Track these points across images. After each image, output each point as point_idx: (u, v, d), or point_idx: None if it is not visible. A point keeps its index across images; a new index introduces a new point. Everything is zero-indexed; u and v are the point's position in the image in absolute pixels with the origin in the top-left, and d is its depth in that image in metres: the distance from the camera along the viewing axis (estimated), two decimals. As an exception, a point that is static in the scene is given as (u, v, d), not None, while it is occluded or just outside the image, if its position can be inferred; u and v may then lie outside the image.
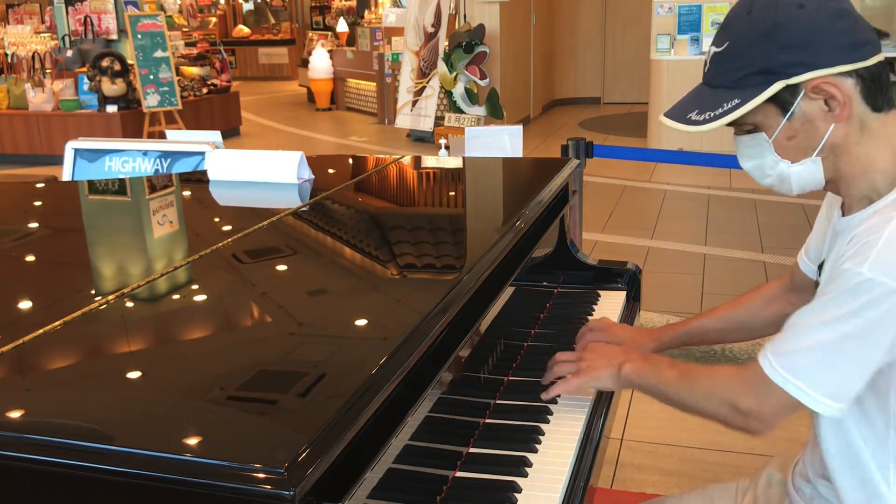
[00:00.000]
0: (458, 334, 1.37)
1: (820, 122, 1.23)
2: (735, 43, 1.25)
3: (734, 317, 1.71)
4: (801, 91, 1.22)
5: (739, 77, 1.23)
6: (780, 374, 1.23)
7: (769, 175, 1.31)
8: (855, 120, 1.23)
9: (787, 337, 1.26)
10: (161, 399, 1.07)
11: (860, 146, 1.24)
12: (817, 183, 1.30)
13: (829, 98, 1.21)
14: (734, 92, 1.24)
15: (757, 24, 1.22)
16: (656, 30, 8.60)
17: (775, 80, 1.21)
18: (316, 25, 17.69)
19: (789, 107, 1.23)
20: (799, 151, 1.26)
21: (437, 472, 1.34)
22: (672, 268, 5.05)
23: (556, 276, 2.22)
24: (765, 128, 1.26)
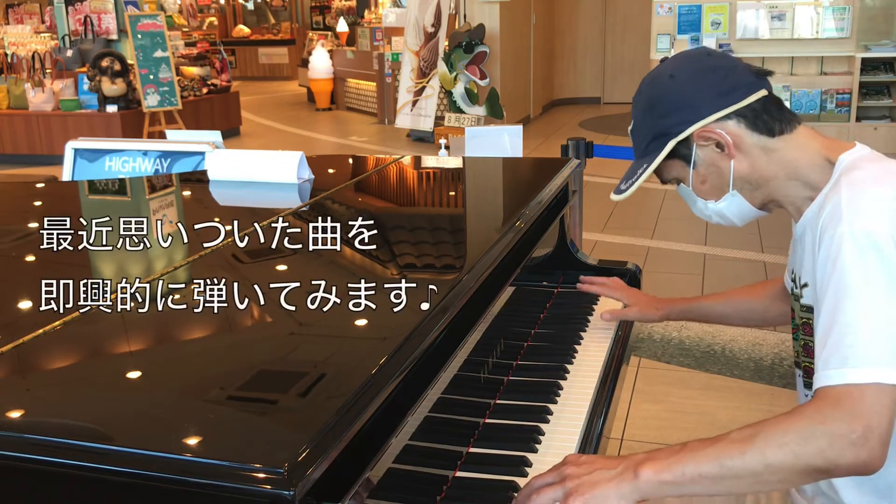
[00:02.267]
0: (458, 334, 1.37)
1: (720, 163, 1.40)
2: (636, 120, 1.48)
3: (741, 305, 1.83)
4: (692, 143, 1.40)
5: (644, 146, 1.45)
6: (861, 373, 1.12)
7: (709, 215, 1.49)
8: (753, 149, 1.38)
9: (834, 339, 1.17)
10: (161, 399, 1.07)
11: (771, 166, 1.39)
12: (751, 211, 1.45)
13: (716, 142, 1.38)
14: (644, 159, 1.45)
15: (643, 102, 1.46)
16: (656, 30, 8.60)
17: (667, 140, 1.41)
18: (316, 25, 17.70)
19: (689, 158, 1.42)
20: (715, 190, 1.44)
21: (437, 472, 1.34)
22: (672, 268, 5.05)
23: (556, 276, 2.22)
24: (682, 179, 1.47)
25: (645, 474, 1.14)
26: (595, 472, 1.16)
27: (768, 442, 1.11)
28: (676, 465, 1.13)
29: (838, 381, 1.14)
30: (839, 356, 1.15)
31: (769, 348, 3.69)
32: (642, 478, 1.13)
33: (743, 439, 1.13)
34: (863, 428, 1.09)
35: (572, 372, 1.73)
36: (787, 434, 1.11)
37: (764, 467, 1.11)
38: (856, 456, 1.09)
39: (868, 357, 1.13)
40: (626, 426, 3.13)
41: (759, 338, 3.76)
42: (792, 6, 8.11)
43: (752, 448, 1.11)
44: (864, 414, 1.10)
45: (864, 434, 1.09)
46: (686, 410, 3.29)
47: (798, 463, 1.10)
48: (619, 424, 3.12)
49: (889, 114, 8.12)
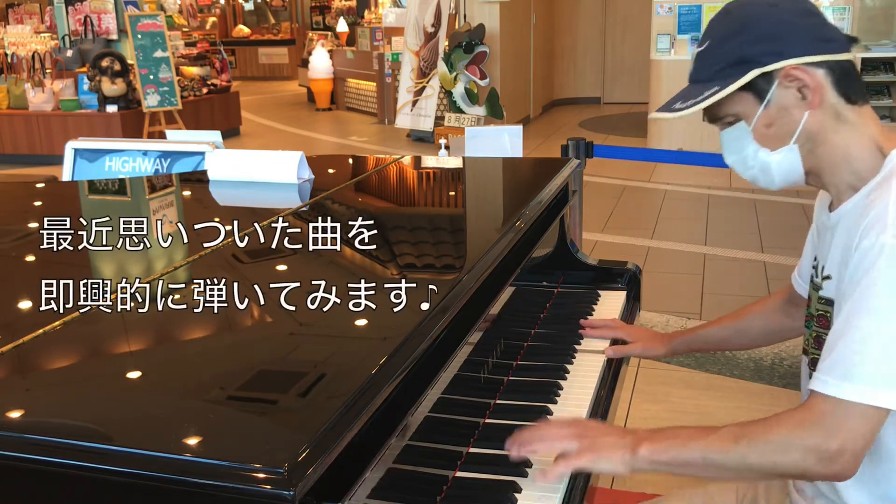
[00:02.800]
0: (458, 334, 1.37)
1: (795, 110, 1.30)
2: (713, 40, 1.34)
3: (737, 326, 1.78)
4: (775, 79, 1.29)
5: (718, 69, 1.31)
6: (858, 391, 1.15)
7: (751, 166, 1.37)
8: (829, 109, 1.29)
9: (842, 348, 1.18)
10: (161, 399, 1.07)
11: (837, 134, 1.30)
12: (797, 173, 1.35)
13: (802, 86, 1.28)
14: (714, 82, 1.31)
15: (732, 22, 1.32)
16: (656, 30, 8.60)
17: (750, 68, 1.28)
18: (316, 25, 17.69)
19: (765, 94, 1.30)
20: (777, 139, 1.32)
21: (437, 472, 1.34)
22: (672, 268, 5.05)
23: (556, 276, 2.22)
24: (744, 117, 1.33)
25: (642, 451, 1.26)
26: (607, 437, 1.31)
27: (750, 447, 1.20)
28: (670, 450, 1.25)
29: (834, 393, 1.17)
30: (843, 368, 1.17)
31: (769, 348, 3.69)
32: (639, 454, 1.26)
33: (730, 439, 1.22)
34: (838, 446, 1.15)
35: (572, 372, 1.73)
36: (768, 443, 1.20)
37: (744, 467, 1.22)
38: (826, 469, 1.17)
39: (869, 377, 1.15)
40: (625, 426, 3.13)
41: (759, 338, 3.76)
42: (792, 6, 8.10)
43: (735, 449, 1.21)
44: (843, 433, 1.16)
45: (839, 451, 1.16)
46: (686, 410, 3.29)
47: (774, 469, 1.20)
48: (619, 424, 3.12)
49: (889, 114, 8.12)
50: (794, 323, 1.68)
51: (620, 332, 1.89)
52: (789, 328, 1.71)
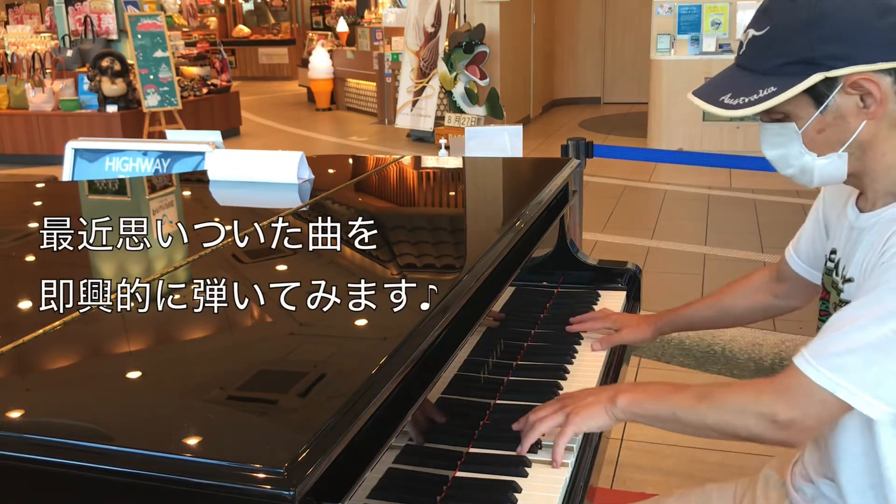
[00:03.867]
0: (458, 334, 1.37)
1: (852, 118, 1.22)
2: (776, 28, 1.22)
3: (722, 304, 1.76)
4: (838, 85, 1.20)
5: (778, 64, 1.21)
6: (824, 375, 1.16)
7: (792, 165, 1.29)
8: (886, 118, 1.21)
9: (830, 338, 1.19)
10: (161, 399, 1.07)
11: (888, 142, 1.23)
12: (840, 177, 1.28)
13: (866, 94, 1.19)
14: (771, 79, 1.21)
15: (801, 12, 1.19)
16: (656, 30, 8.60)
17: (814, 71, 1.18)
18: (316, 25, 17.69)
19: (824, 99, 1.21)
20: (827, 145, 1.24)
21: (437, 472, 1.34)
22: (672, 268, 5.05)
23: (556, 276, 2.22)
24: (795, 118, 1.24)
25: (620, 402, 1.35)
26: (587, 398, 1.39)
27: (711, 406, 1.27)
28: (644, 402, 1.34)
29: (807, 371, 1.18)
30: (828, 352, 1.18)
31: (769, 348, 3.69)
32: (618, 405, 1.35)
33: (696, 396, 1.29)
34: (788, 418, 1.20)
35: (572, 372, 1.73)
36: (726, 405, 1.26)
37: (704, 425, 1.28)
38: (775, 436, 1.22)
39: (848, 370, 1.15)
40: (626, 426, 3.13)
41: (759, 338, 3.76)
42: (792, 6, 8.10)
43: (698, 407, 1.28)
44: (799, 408, 1.19)
45: (789, 422, 1.20)
46: (686, 410, 3.28)
47: (730, 428, 1.26)
48: (619, 424, 3.12)
49: (889, 114, 8.11)
50: (779, 301, 1.68)
51: (608, 322, 1.88)
52: (774, 307, 1.69)
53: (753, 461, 2.85)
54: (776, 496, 1.53)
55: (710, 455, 2.95)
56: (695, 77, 8.13)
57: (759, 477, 1.59)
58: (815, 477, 1.43)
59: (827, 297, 1.42)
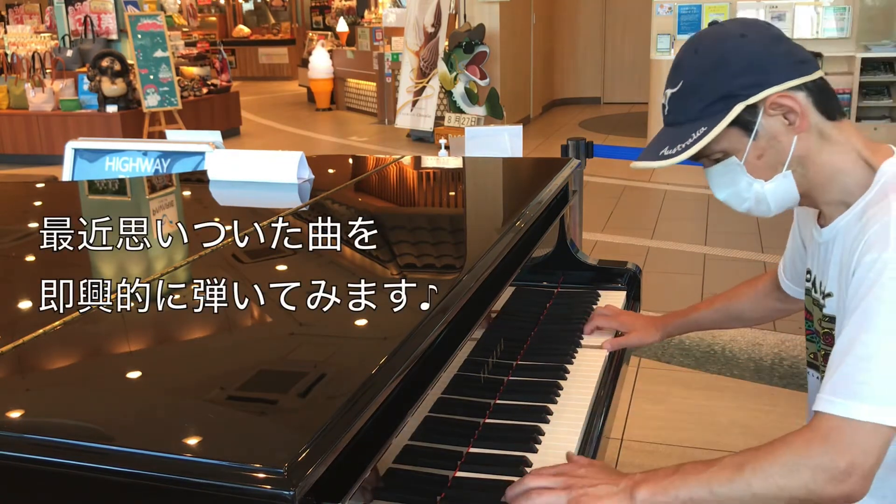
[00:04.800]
0: (458, 334, 1.37)
1: (783, 137, 1.29)
2: (689, 80, 1.31)
3: (729, 308, 1.80)
4: (760, 109, 1.28)
5: (700, 108, 1.29)
6: (865, 409, 1.13)
7: (746, 199, 1.35)
8: (813, 130, 1.29)
9: (847, 367, 1.16)
10: (161, 399, 1.07)
11: (822, 154, 1.30)
12: (793, 198, 1.35)
13: (788, 111, 1.27)
14: (698, 122, 1.29)
15: (706, 59, 1.30)
16: (656, 30, 8.60)
17: (734, 103, 1.27)
18: (316, 25, 17.69)
19: (752, 126, 1.29)
20: (769, 169, 1.32)
21: (437, 472, 1.34)
22: (672, 268, 5.05)
23: (556, 275, 2.22)
24: (734, 152, 1.32)
25: (640, 495, 1.18)
26: (599, 486, 1.21)
27: (755, 473, 1.15)
28: (670, 489, 1.17)
29: (841, 413, 1.14)
30: (848, 388, 1.15)
31: (769, 348, 3.69)
32: (638, 499, 1.18)
33: (733, 466, 1.17)
34: (847, 464, 1.12)
35: (572, 372, 1.73)
36: (774, 466, 1.14)
37: (750, 496, 1.15)
38: (838, 490, 1.12)
39: (876, 395, 1.13)
40: (626, 426, 3.13)
41: (759, 338, 3.76)
42: (792, 6, 8.11)
43: (739, 477, 1.15)
44: (852, 450, 1.12)
45: (848, 470, 1.12)
46: (686, 410, 3.28)
47: (782, 494, 1.14)
48: (619, 424, 3.12)
49: (889, 114, 8.12)
50: (783, 306, 1.73)
51: (615, 322, 1.90)
52: (779, 310, 1.75)
53: (753, 461, 2.85)
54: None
55: (710, 455, 2.95)
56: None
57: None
58: None
59: (811, 318, 1.47)
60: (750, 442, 2.95)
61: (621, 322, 1.90)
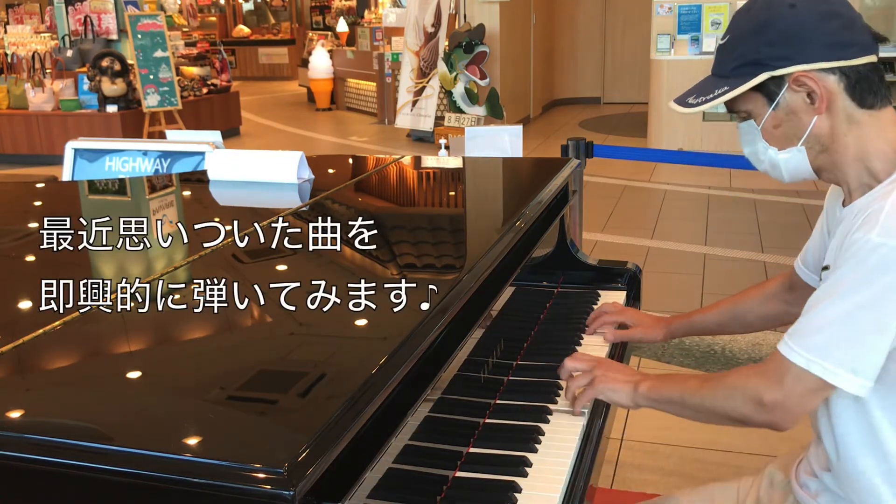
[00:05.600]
0: (458, 334, 1.37)
1: (803, 114, 1.32)
2: (733, 37, 1.36)
3: (735, 311, 1.81)
4: (785, 83, 1.31)
5: (733, 67, 1.34)
6: (800, 355, 1.24)
7: (762, 161, 1.41)
8: (841, 114, 1.31)
9: (804, 319, 1.27)
10: (161, 399, 1.07)
11: (848, 137, 1.32)
12: (806, 171, 1.38)
13: (810, 92, 1.30)
14: (726, 80, 1.35)
15: (752, 21, 1.34)
16: (656, 30, 8.60)
17: (761, 71, 1.31)
18: (316, 25, 17.69)
19: (775, 97, 1.33)
20: (785, 140, 1.36)
21: (437, 472, 1.34)
22: (672, 268, 5.05)
23: (556, 276, 2.22)
24: (754, 116, 1.37)
25: (642, 388, 1.46)
26: (619, 373, 1.53)
27: (708, 391, 1.37)
28: (661, 389, 1.44)
29: (784, 352, 1.27)
30: (801, 335, 1.26)
31: (769, 348, 3.69)
32: (639, 390, 1.47)
33: (700, 381, 1.40)
34: (772, 399, 1.27)
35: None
36: (721, 388, 1.36)
37: (702, 407, 1.38)
38: (761, 418, 1.30)
39: (819, 349, 1.23)
40: (626, 426, 3.13)
41: (759, 338, 3.76)
42: (792, 6, 8.11)
43: (700, 391, 1.38)
44: (780, 387, 1.27)
45: (773, 402, 1.27)
46: (686, 410, 3.28)
47: (723, 410, 1.35)
48: (619, 424, 3.12)
49: (889, 114, 8.11)
50: (792, 308, 1.71)
51: (622, 317, 1.93)
52: (787, 313, 1.74)
53: (753, 461, 2.85)
54: (780, 494, 1.53)
55: (710, 455, 2.95)
56: (695, 77, 8.07)
57: (764, 475, 1.59)
58: (819, 471, 1.43)
59: None
60: (750, 442, 2.96)
61: (627, 317, 1.93)
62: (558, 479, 1.35)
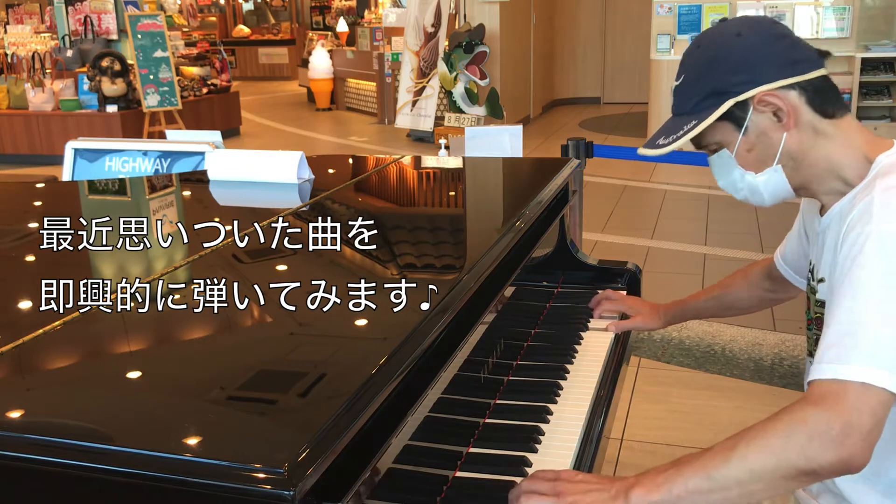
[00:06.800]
0: (458, 334, 1.37)
1: (772, 133, 1.35)
2: (689, 74, 1.39)
3: (723, 298, 1.87)
4: (749, 106, 1.34)
5: (695, 102, 1.37)
6: (852, 370, 1.11)
7: (740, 189, 1.42)
8: (807, 127, 1.34)
9: (834, 334, 1.17)
10: (161, 399, 1.07)
11: (816, 149, 1.35)
12: (786, 190, 1.40)
13: (776, 110, 1.33)
14: (692, 116, 1.37)
15: (704, 55, 1.38)
16: (656, 30, 8.60)
17: (725, 98, 1.34)
18: (316, 25, 17.69)
19: (742, 121, 1.35)
20: (760, 162, 1.37)
21: (437, 472, 1.34)
22: (672, 268, 5.05)
23: (556, 275, 2.22)
24: (726, 144, 1.39)
25: (635, 496, 1.14)
26: (590, 493, 1.17)
27: (750, 446, 1.11)
28: (665, 485, 1.13)
29: (829, 376, 1.13)
30: (837, 351, 1.14)
31: (769, 348, 3.69)
32: (633, 500, 1.14)
33: (726, 448, 1.13)
34: (842, 424, 1.08)
35: (572, 372, 1.73)
36: (769, 437, 1.11)
37: (748, 473, 1.10)
38: (836, 454, 1.08)
39: (864, 356, 1.12)
40: (626, 426, 3.13)
41: (759, 338, 3.76)
42: (792, 6, 8.11)
43: (735, 454, 1.11)
44: (845, 410, 1.09)
45: (844, 430, 1.08)
46: (686, 410, 3.29)
47: (780, 464, 1.09)
48: (619, 424, 3.12)
49: (889, 114, 8.12)
50: (773, 295, 1.81)
51: (622, 305, 2.00)
52: (770, 300, 1.83)
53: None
54: (782, 495, 1.53)
55: (710, 455, 2.95)
56: (695, 77, 8.11)
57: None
58: None
59: (809, 306, 1.50)
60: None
61: (628, 305, 2.00)
62: (558, 479, 1.35)
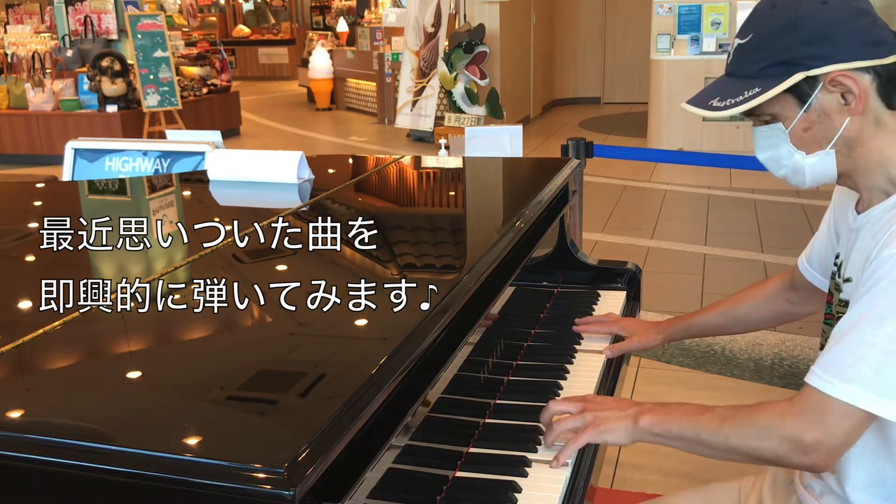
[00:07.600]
0: (458, 334, 1.37)
1: (836, 115, 1.26)
2: (758, 35, 1.28)
3: (735, 313, 1.76)
4: (819, 83, 1.24)
5: (761, 67, 1.26)
6: (843, 389, 1.16)
7: (784, 166, 1.33)
8: (870, 115, 1.26)
9: (839, 348, 1.19)
10: (161, 399, 1.07)
11: (874, 140, 1.27)
12: (830, 176, 1.32)
13: (846, 91, 1.24)
14: (755, 81, 1.26)
15: (780, 18, 1.26)
16: (656, 30, 8.60)
17: (795, 71, 1.24)
18: (316, 25, 17.69)
19: (807, 98, 1.25)
20: (814, 143, 1.29)
21: (437, 472, 1.34)
22: (672, 268, 5.05)
23: (556, 275, 2.21)
24: (782, 118, 1.29)
25: (643, 422, 1.32)
26: (609, 410, 1.37)
27: (734, 429, 1.25)
28: (666, 423, 1.31)
29: (821, 387, 1.18)
30: (838, 366, 1.17)
31: (769, 348, 3.69)
32: (640, 425, 1.32)
33: (719, 418, 1.27)
34: (812, 440, 1.18)
35: (572, 372, 1.73)
36: (750, 427, 1.24)
37: (726, 448, 1.26)
38: (800, 460, 1.21)
39: (862, 380, 1.15)
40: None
41: (759, 338, 3.76)
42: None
43: (721, 429, 1.26)
44: (821, 428, 1.18)
45: (813, 444, 1.18)
46: (686, 410, 3.28)
47: (753, 452, 1.24)
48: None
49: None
50: (794, 308, 1.70)
51: (615, 327, 1.88)
52: (789, 313, 1.71)
53: (753, 461, 2.85)
54: (783, 494, 1.52)
55: (710, 455, 2.95)
56: (695, 77, 8.13)
57: (767, 475, 1.59)
58: (825, 474, 1.42)
59: (831, 300, 1.44)
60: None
61: (622, 327, 1.88)
62: (558, 479, 1.35)
